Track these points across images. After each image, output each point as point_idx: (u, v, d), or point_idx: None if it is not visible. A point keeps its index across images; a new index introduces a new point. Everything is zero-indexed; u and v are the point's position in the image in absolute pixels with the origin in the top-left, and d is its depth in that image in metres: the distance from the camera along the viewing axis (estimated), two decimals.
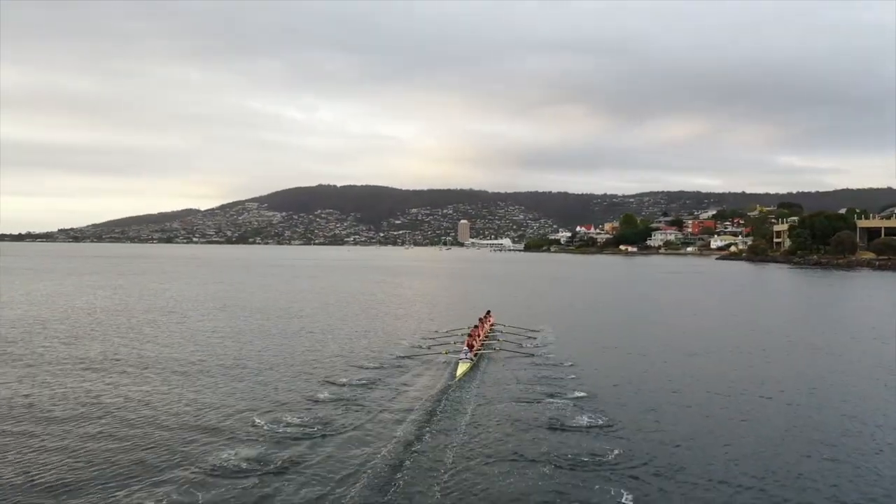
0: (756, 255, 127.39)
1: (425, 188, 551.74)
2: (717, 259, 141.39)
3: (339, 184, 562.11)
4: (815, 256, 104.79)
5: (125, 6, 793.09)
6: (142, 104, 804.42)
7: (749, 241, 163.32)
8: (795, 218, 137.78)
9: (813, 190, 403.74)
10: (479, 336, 20.32)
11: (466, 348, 17.93)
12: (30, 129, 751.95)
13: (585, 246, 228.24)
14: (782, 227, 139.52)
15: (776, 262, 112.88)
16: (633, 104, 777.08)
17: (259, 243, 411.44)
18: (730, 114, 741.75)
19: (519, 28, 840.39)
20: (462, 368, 16.65)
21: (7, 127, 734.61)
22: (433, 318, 30.48)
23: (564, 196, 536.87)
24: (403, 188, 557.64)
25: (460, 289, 53.95)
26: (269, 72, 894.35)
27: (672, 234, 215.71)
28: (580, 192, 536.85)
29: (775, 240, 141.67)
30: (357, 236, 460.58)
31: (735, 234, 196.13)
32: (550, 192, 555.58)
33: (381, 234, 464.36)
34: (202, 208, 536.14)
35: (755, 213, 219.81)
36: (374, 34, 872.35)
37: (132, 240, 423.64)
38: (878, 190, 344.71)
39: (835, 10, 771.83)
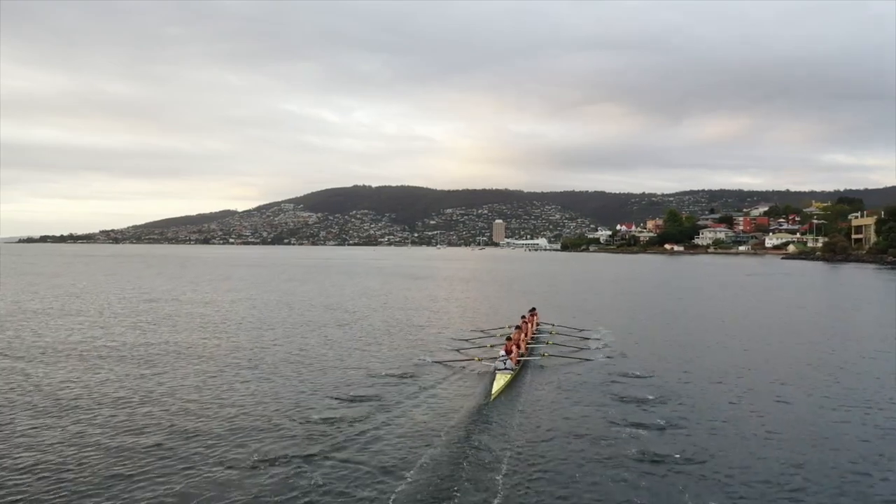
0: (835, 253, 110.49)
1: (460, 188, 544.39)
2: (782, 259, 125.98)
3: (374, 184, 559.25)
4: None
5: (164, 12, 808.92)
6: (182, 108, 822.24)
7: (815, 239, 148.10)
8: (860, 213, 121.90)
9: (862, 188, 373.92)
10: (522, 340, 16.84)
11: (504, 354, 14.62)
12: (76, 134, 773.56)
13: (627, 245, 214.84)
14: (865, 220, 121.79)
15: (860, 261, 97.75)
16: (669, 102, 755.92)
17: (294, 244, 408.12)
18: (770, 111, 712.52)
19: (552, 27, 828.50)
20: (500, 382, 13.27)
21: (55, 131, 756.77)
22: (463, 319, 25.72)
23: (601, 195, 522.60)
24: (438, 188, 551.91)
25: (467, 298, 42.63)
26: (305, 74, 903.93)
27: (721, 232, 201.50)
28: (617, 192, 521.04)
29: (854, 236, 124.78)
30: (391, 237, 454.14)
31: (792, 232, 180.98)
32: (587, 192, 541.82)
33: (416, 235, 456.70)
34: (239, 209, 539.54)
35: (811, 209, 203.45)
36: (408, 35, 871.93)
37: (170, 241, 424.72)
38: None
39: (880, 1, 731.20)
